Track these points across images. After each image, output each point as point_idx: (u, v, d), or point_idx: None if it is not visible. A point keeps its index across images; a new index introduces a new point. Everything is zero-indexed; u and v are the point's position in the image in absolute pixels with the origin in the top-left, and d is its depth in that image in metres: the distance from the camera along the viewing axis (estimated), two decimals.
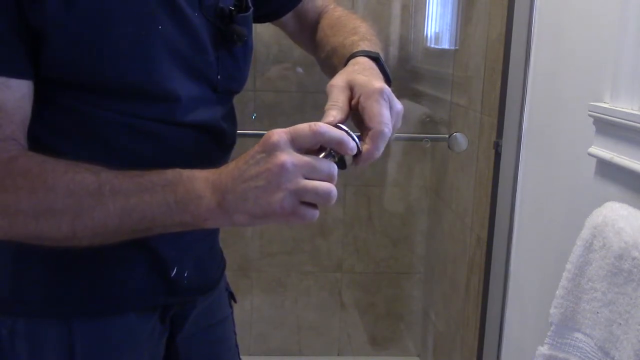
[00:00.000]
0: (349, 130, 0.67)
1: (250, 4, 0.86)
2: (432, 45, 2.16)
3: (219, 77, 0.83)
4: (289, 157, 0.62)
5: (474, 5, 1.82)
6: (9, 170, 0.68)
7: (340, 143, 0.65)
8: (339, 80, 0.74)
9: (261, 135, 0.65)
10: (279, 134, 0.63)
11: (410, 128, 2.04)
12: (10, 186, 0.67)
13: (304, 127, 0.64)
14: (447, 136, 1.73)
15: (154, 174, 0.68)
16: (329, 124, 0.67)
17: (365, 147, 0.68)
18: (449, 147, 1.72)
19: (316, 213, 0.65)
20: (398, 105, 0.73)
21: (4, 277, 0.79)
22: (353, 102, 0.72)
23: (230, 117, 0.89)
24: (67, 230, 0.68)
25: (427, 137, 1.87)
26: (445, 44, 2.08)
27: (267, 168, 0.63)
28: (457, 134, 1.70)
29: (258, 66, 2.10)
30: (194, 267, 0.87)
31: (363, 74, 0.75)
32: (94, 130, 0.75)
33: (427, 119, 2.07)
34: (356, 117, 0.72)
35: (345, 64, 0.80)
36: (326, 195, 0.64)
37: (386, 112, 0.70)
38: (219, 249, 0.97)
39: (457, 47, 1.98)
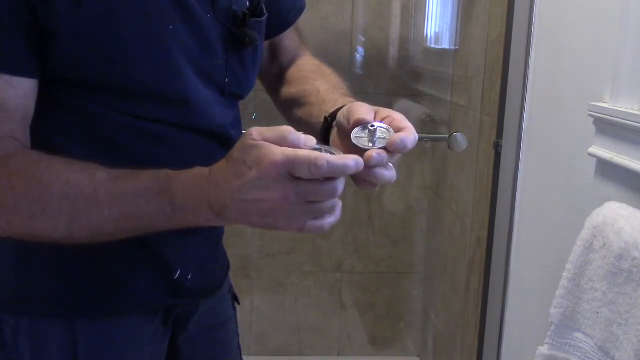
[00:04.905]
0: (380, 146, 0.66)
1: (264, 10, 0.85)
2: (432, 45, 2.16)
3: (226, 80, 0.82)
4: (290, 190, 0.61)
5: (474, 5, 1.82)
6: (5, 169, 0.68)
7: (342, 172, 0.63)
8: (365, 104, 0.74)
9: None
10: (277, 167, 0.61)
11: None
12: (6, 185, 0.67)
13: (301, 161, 0.60)
14: (447, 136, 1.73)
15: (148, 178, 0.67)
16: (362, 120, 0.67)
17: (400, 135, 0.67)
18: (449, 147, 1.72)
19: (325, 225, 0.65)
20: None
21: (9, 277, 0.80)
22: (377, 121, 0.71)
23: (238, 123, 0.88)
24: (64, 231, 0.68)
25: (427, 137, 1.87)
26: (445, 44, 2.08)
27: (271, 198, 0.62)
28: (457, 134, 1.69)
29: None
30: (197, 269, 0.87)
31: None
32: (102, 131, 0.75)
33: (427, 119, 2.07)
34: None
35: (339, 108, 0.79)
36: (332, 210, 0.64)
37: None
38: (223, 251, 0.97)
39: (457, 47, 1.98)
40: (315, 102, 0.86)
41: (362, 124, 0.69)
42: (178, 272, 0.84)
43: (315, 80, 0.91)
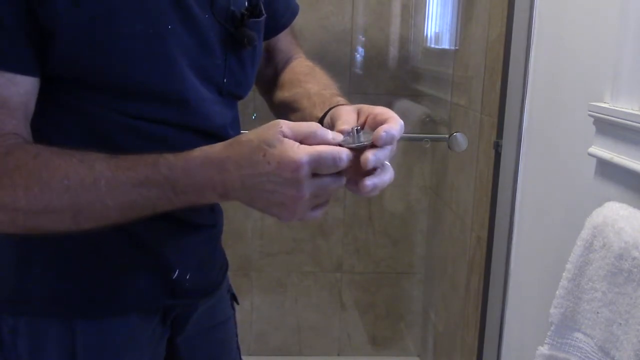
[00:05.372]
0: (366, 143, 0.67)
1: (263, 11, 0.86)
2: (432, 45, 2.16)
3: (224, 80, 0.82)
4: (308, 188, 0.64)
5: (474, 5, 1.82)
6: (6, 166, 0.68)
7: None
8: (346, 107, 0.75)
9: None
10: (302, 169, 0.63)
11: (410, 128, 2.04)
12: (8, 183, 0.67)
13: (327, 157, 0.63)
14: (447, 136, 1.73)
15: (148, 166, 0.68)
16: (344, 131, 0.68)
17: (384, 127, 0.68)
18: (449, 147, 1.72)
19: (320, 214, 0.68)
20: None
21: (7, 277, 0.80)
22: (360, 121, 0.73)
23: (237, 123, 0.89)
24: (70, 223, 0.69)
25: (427, 137, 1.87)
26: (445, 44, 2.08)
27: (286, 193, 0.64)
28: (457, 134, 1.69)
29: None
30: (196, 269, 0.87)
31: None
32: (101, 131, 0.75)
33: (427, 119, 2.07)
34: None
35: (327, 111, 0.81)
36: (328, 200, 0.68)
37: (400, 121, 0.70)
38: (221, 251, 0.97)
39: (457, 47, 1.98)
40: (307, 106, 0.87)
41: (345, 134, 0.69)
42: (176, 272, 0.84)
43: (307, 82, 0.92)
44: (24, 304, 0.79)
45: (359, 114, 0.73)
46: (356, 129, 0.68)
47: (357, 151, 0.66)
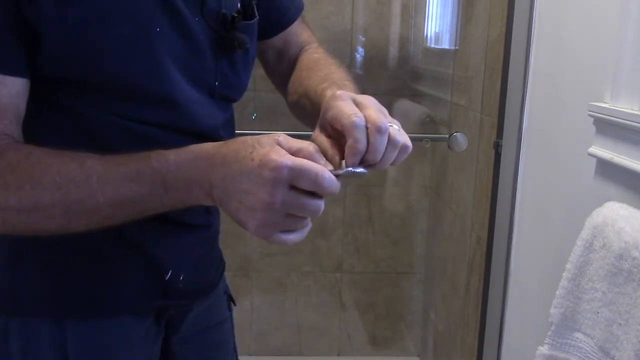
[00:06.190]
0: (357, 170, 0.66)
1: (256, 13, 0.85)
2: (432, 45, 2.16)
3: (216, 83, 0.82)
4: (280, 196, 0.62)
5: (474, 5, 1.83)
6: None
7: (336, 189, 0.64)
8: (315, 133, 0.73)
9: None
10: (281, 171, 0.61)
11: (410, 128, 2.04)
12: (0, 183, 0.67)
13: (309, 170, 0.62)
14: (447, 136, 1.73)
15: (140, 161, 0.68)
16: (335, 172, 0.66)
17: (347, 145, 0.66)
18: (449, 147, 1.72)
19: (290, 241, 0.65)
20: (366, 98, 0.71)
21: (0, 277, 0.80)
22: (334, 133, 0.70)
23: (230, 126, 0.88)
24: (61, 221, 0.68)
25: (427, 137, 1.87)
26: (445, 44, 2.08)
27: (258, 195, 0.62)
28: (457, 134, 1.70)
29: (258, 66, 2.09)
30: (190, 270, 0.86)
31: None
32: (95, 133, 0.75)
33: (427, 119, 2.08)
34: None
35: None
36: (304, 230, 0.66)
37: (346, 106, 0.68)
38: (218, 250, 0.96)
39: (457, 47, 1.98)
40: (312, 112, 0.85)
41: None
42: (169, 273, 0.83)
43: (309, 78, 0.90)
44: (16, 304, 0.79)
45: (331, 127, 0.70)
46: (342, 162, 0.67)
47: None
